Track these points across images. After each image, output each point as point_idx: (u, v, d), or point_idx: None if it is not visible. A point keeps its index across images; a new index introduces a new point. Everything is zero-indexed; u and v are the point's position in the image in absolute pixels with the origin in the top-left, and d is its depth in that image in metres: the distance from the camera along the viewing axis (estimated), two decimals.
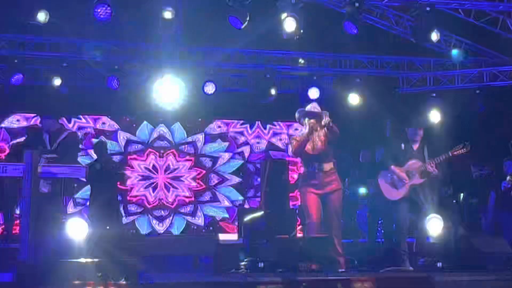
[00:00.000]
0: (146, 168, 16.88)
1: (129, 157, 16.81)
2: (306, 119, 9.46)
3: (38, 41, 14.98)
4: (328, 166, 9.35)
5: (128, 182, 16.29)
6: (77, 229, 8.66)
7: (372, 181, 12.28)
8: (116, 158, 16.03)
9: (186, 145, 17.20)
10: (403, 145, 10.31)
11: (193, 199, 17.03)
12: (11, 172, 8.27)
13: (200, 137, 17.28)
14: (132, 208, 16.63)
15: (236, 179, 17.35)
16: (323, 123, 9.24)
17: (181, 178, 17.03)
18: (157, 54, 15.72)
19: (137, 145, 16.93)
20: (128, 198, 16.51)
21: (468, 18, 14.74)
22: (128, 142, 16.84)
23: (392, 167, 10.22)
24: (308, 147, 9.36)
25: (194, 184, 17.09)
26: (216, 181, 17.26)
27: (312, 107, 9.65)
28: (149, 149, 16.95)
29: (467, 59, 15.30)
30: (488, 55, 16.29)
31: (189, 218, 16.91)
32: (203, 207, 17.07)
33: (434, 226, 9.73)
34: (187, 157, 17.18)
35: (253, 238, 9.33)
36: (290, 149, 10.00)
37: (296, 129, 17.03)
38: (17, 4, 12.23)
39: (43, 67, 15.50)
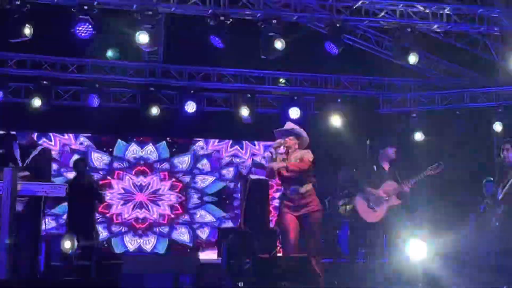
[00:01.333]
0: (126, 187, 16.78)
1: (109, 176, 16.71)
2: (282, 139, 9.38)
3: (19, 58, 14.96)
4: (304, 188, 9.20)
5: (108, 201, 16.19)
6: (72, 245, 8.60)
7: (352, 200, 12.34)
8: (95, 177, 15.90)
9: (166, 164, 17.11)
10: (375, 167, 10.34)
11: (174, 218, 16.94)
12: None
13: (186, 159, 17.19)
14: (112, 226, 16.53)
15: (216, 199, 17.27)
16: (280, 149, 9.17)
17: (162, 197, 16.94)
18: (139, 72, 15.75)
19: (120, 164, 16.83)
20: (108, 216, 16.42)
21: (448, 40, 14.87)
22: (111, 160, 16.74)
23: (368, 188, 10.24)
24: (284, 168, 9.26)
25: (175, 203, 17.01)
26: (198, 201, 17.18)
27: (289, 126, 9.60)
28: (132, 168, 16.85)
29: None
30: (469, 77, 16.40)
31: (173, 236, 16.82)
32: (185, 226, 16.98)
33: (416, 249, 9.68)
34: (169, 177, 17.10)
35: (233, 257, 9.29)
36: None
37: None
38: None
39: (23, 84, 15.42)
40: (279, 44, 12.47)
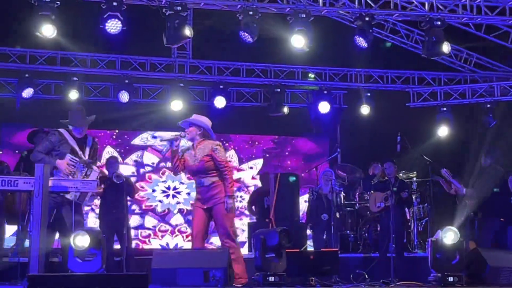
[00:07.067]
0: (162, 181, 16.82)
1: (143, 171, 16.75)
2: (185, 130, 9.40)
3: (49, 55, 15.02)
4: (208, 180, 9.12)
5: (142, 196, 16.24)
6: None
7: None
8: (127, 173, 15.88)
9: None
10: None
11: None
12: (21, 186, 8.28)
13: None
14: (145, 220, 16.57)
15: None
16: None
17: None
18: (168, 67, 15.75)
19: (154, 158, 16.85)
20: (142, 210, 16.48)
21: (478, 33, 14.75)
22: (144, 156, 16.77)
23: None
24: (189, 161, 9.21)
25: None
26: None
27: (194, 118, 9.58)
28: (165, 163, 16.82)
29: None
30: (499, 70, 16.25)
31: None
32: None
33: (450, 238, 9.54)
34: None
35: (264, 251, 9.27)
36: None
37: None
38: (26, 18, 12.22)
39: (54, 81, 15.50)
40: (303, 40, 12.45)
